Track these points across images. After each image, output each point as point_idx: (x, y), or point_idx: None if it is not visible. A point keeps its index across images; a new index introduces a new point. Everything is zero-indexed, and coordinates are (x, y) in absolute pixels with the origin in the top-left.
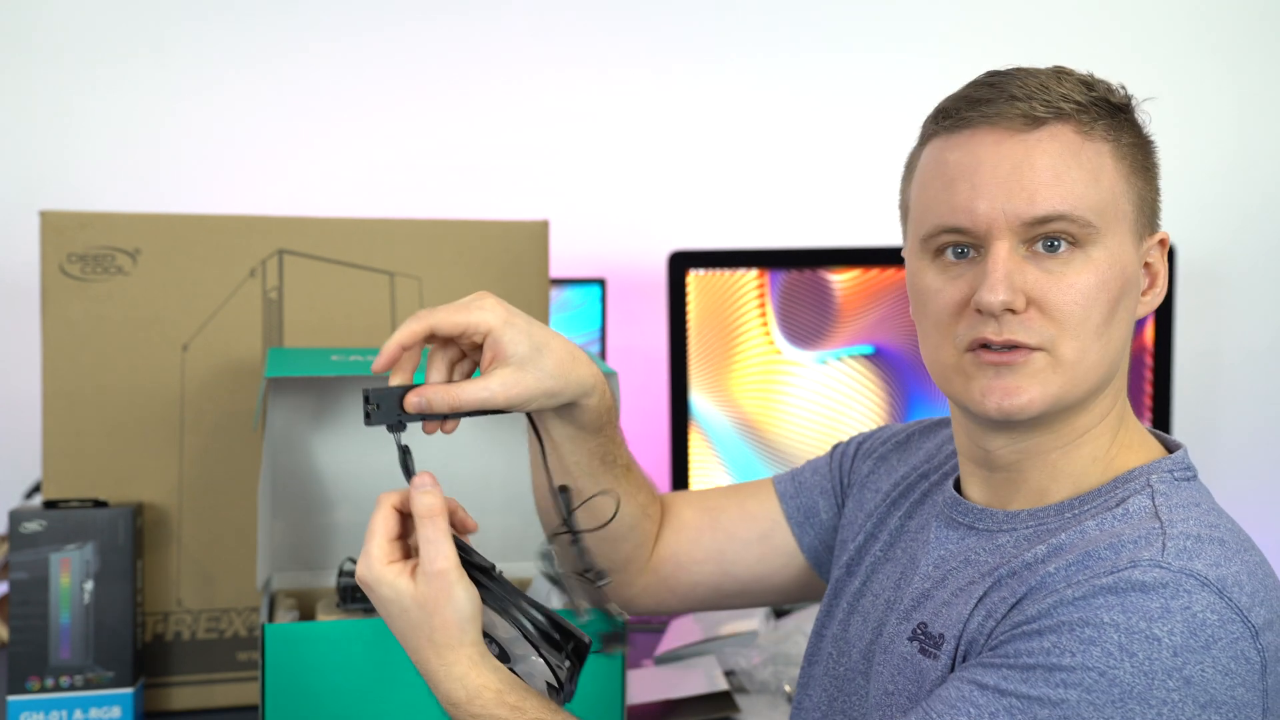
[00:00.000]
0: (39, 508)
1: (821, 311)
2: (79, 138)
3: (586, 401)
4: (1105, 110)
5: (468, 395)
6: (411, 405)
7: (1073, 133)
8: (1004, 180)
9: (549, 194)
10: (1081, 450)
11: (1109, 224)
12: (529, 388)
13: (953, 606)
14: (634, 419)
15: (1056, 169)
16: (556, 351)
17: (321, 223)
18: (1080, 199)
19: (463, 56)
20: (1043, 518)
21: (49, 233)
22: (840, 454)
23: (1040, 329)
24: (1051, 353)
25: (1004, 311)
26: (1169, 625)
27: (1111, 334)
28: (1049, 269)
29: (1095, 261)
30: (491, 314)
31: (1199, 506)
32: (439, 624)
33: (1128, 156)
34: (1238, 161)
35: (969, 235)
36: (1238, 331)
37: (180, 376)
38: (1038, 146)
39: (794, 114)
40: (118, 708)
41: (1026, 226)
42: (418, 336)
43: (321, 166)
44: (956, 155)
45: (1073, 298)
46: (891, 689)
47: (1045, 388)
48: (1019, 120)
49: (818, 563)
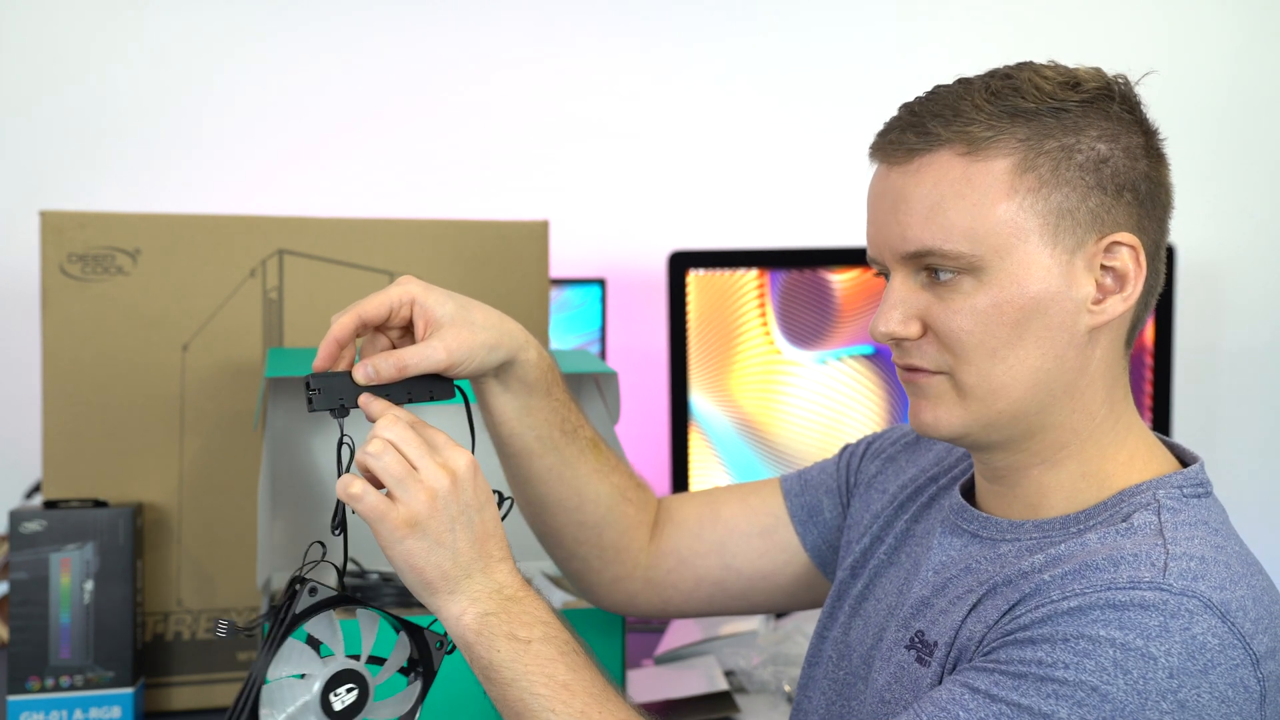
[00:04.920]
0: (39, 508)
1: (821, 311)
2: (79, 138)
3: (525, 356)
4: (1012, 117)
5: (413, 356)
6: (360, 375)
7: (955, 157)
8: (885, 216)
9: (549, 194)
10: (1066, 467)
11: (1001, 244)
12: (467, 341)
13: (948, 614)
14: (634, 419)
15: (930, 202)
16: (482, 308)
17: (321, 223)
18: (952, 230)
19: (462, 56)
20: (1048, 529)
21: (49, 233)
22: (849, 454)
23: (934, 355)
24: (952, 376)
25: (899, 340)
26: (1167, 645)
27: (1021, 353)
28: (940, 295)
29: (988, 286)
30: (412, 284)
31: (1207, 525)
32: (493, 514)
33: (1042, 168)
34: (1238, 161)
35: (878, 264)
36: (1237, 331)
37: (180, 376)
38: (913, 179)
39: (794, 114)
40: (118, 708)
41: (907, 260)
42: (349, 328)
43: (321, 166)
44: (870, 186)
45: (959, 323)
46: (887, 696)
47: (950, 410)
48: (900, 152)
49: (822, 563)
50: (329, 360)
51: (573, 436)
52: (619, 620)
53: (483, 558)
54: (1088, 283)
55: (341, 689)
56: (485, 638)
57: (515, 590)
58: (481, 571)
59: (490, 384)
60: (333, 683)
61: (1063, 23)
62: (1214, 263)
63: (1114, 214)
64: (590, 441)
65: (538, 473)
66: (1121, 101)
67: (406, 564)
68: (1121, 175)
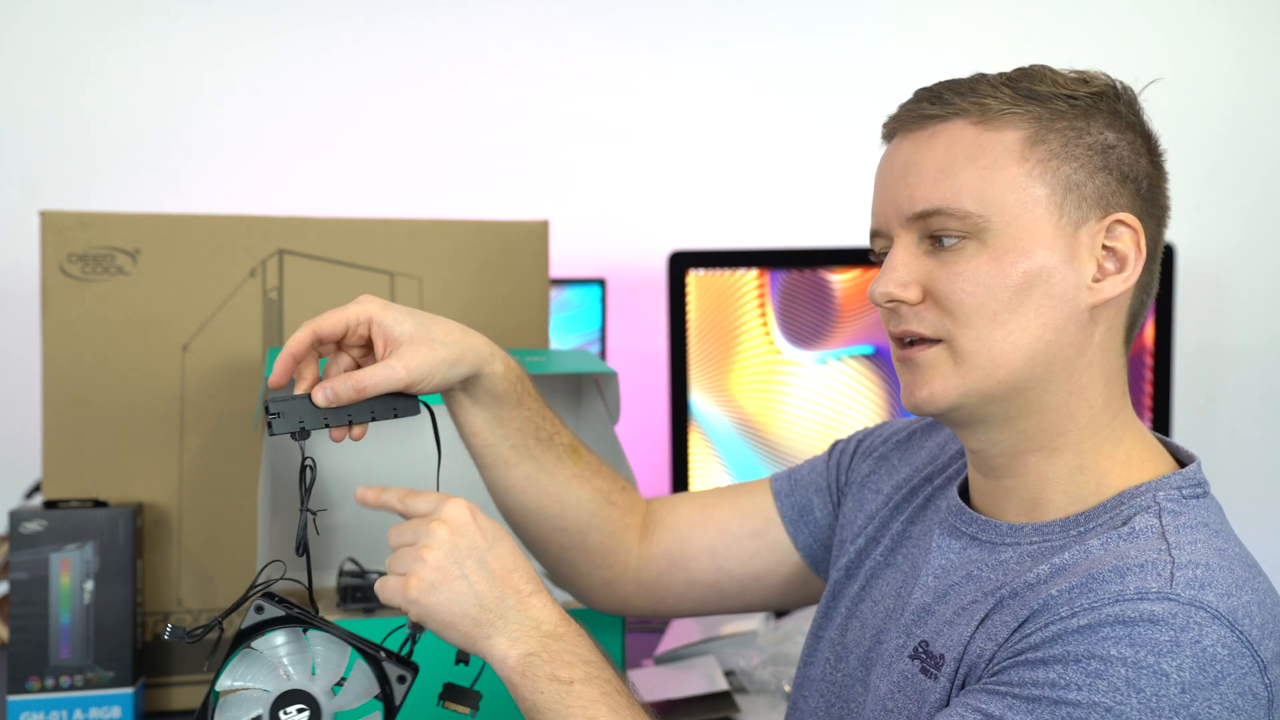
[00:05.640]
0: (39, 508)
1: (821, 311)
2: (79, 138)
3: (490, 369)
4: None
5: (371, 377)
6: (320, 398)
7: (969, 125)
8: (896, 181)
9: (549, 194)
10: (1063, 457)
11: (1008, 211)
12: (426, 358)
13: (954, 626)
14: (634, 419)
15: (940, 164)
16: (443, 323)
17: (321, 223)
18: (960, 191)
19: (462, 56)
20: (1047, 533)
21: (49, 233)
22: (839, 452)
23: (933, 320)
24: (950, 344)
25: (897, 304)
26: (1178, 660)
27: (1020, 321)
28: (943, 260)
29: (992, 250)
30: (370, 303)
31: (1207, 527)
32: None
33: (1053, 142)
34: (1238, 160)
35: (882, 236)
36: (1237, 330)
37: (180, 376)
38: (926, 144)
39: (794, 113)
40: (118, 708)
41: (913, 222)
42: (304, 343)
43: (321, 166)
44: (881, 161)
45: (962, 285)
46: (890, 705)
47: (946, 380)
48: (914, 121)
49: (814, 562)
50: (285, 374)
51: (548, 444)
52: (619, 620)
53: (511, 594)
54: (1089, 260)
55: (293, 708)
56: (530, 679)
57: (555, 625)
58: (515, 609)
59: (459, 398)
60: (283, 701)
61: (1064, 28)
62: (1214, 263)
63: (1119, 197)
64: (568, 447)
65: (515, 481)
66: (1127, 104)
67: (439, 623)
68: (1126, 165)
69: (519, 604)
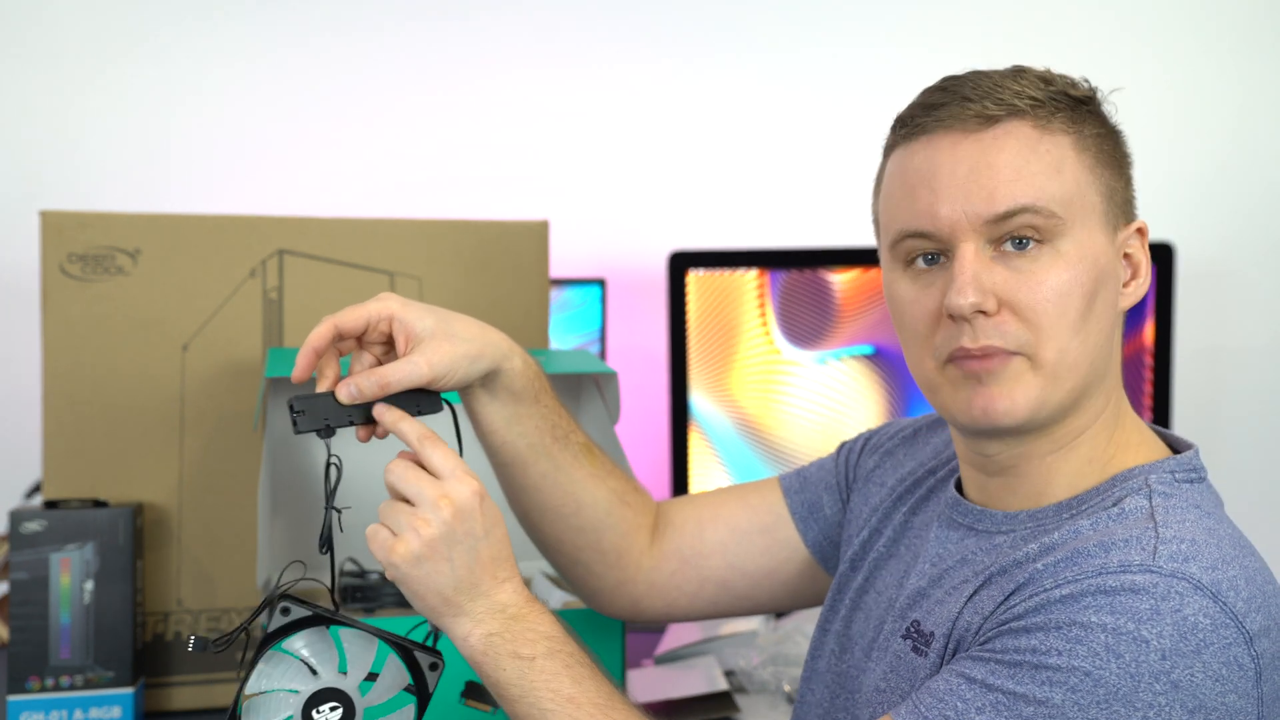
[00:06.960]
0: (39, 508)
1: (821, 311)
2: (79, 138)
3: (509, 365)
4: (1065, 103)
5: (395, 373)
6: (343, 395)
7: (1030, 128)
8: (963, 182)
9: (549, 194)
10: (1078, 452)
11: (1075, 215)
12: (448, 354)
13: (945, 605)
14: (634, 419)
15: (1015, 165)
16: (463, 319)
17: (321, 223)
18: (1042, 191)
19: (462, 56)
20: (1041, 519)
21: (49, 233)
22: (847, 450)
23: (1015, 332)
24: (1030, 356)
25: (975, 315)
26: (1158, 628)
27: (1090, 329)
28: (1018, 268)
29: (1065, 255)
30: (390, 300)
31: (1199, 509)
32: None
33: (1091, 148)
34: (1238, 160)
35: (934, 240)
36: (1238, 330)
37: (180, 376)
38: (994, 144)
39: (794, 113)
40: (118, 708)
41: (990, 225)
42: (325, 337)
43: (321, 166)
44: (916, 162)
45: (1044, 295)
46: (883, 685)
47: (1027, 391)
48: (973, 121)
49: (823, 558)
50: (307, 369)
51: (565, 442)
52: (618, 620)
53: (486, 579)
54: (1123, 266)
55: (325, 707)
56: (491, 657)
57: (519, 608)
58: (485, 594)
59: (478, 394)
60: (315, 700)
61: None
62: (1214, 262)
63: (1132, 204)
64: (583, 447)
65: (532, 480)
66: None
67: (411, 592)
68: (1129, 170)
69: (490, 589)
